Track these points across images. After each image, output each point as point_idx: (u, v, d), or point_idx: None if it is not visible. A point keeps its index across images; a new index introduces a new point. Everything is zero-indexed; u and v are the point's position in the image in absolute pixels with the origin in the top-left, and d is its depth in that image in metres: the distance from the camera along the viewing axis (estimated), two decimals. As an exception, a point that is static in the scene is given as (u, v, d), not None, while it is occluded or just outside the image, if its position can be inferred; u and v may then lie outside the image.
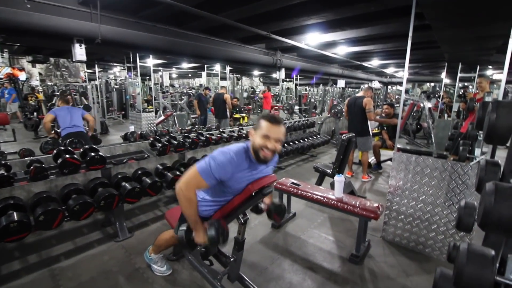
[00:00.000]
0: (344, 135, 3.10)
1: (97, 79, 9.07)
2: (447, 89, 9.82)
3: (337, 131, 6.42)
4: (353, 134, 3.21)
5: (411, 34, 2.30)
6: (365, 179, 4.11)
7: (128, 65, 6.80)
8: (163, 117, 6.60)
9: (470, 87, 8.12)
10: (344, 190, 2.39)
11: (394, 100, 12.11)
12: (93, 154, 2.43)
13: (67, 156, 2.29)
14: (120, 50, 5.99)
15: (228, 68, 7.94)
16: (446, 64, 5.82)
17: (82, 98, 7.16)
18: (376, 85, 11.41)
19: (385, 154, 4.69)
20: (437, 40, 3.96)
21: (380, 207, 2.14)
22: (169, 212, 1.99)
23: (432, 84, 12.33)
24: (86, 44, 3.27)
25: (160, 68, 11.43)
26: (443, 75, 6.21)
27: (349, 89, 13.38)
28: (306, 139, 5.25)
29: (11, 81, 7.78)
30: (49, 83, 11.60)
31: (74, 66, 11.82)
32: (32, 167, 2.14)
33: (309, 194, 2.45)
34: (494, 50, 4.63)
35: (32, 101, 6.93)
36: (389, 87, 14.98)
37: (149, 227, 2.67)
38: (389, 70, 11.35)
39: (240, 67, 10.41)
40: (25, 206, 2.11)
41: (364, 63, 8.60)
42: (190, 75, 16.45)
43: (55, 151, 2.42)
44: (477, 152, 2.56)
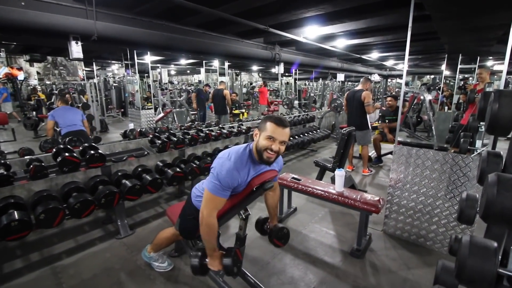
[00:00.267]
0: (345, 129, 3.08)
1: (96, 77, 9.02)
2: (447, 81, 9.75)
3: (337, 125, 6.39)
4: (353, 128, 3.19)
5: (410, 24, 2.26)
6: (365, 173, 4.10)
7: (126, 62, 6.74)
8: (162, 114, 6.57)
9: (470, 79, 8.05)
10: (345, 184, 2.38)
11: (394, 93, 12.05)
12: (92, 152, 2.42)
13: (67, 154, 2.28)
14: (117, 47, 5.93)
15: (227, 64, 7.87)
16: (446, 55, 5.76)
17: (80, 96, 7.13)
18: (376, 78, 11.33)
19: (385, 147, 4.67)
20: (437, 31, 3.91)
21: (381, 200, 2.13)
22: (170, 208, 1.99)
23: (432, 76, 12.25)
24: (82, 41, 3.23)
25: (158, 65, 11.35)
26: (443, 67, 6.15)
27: (349, 82, 13.29)
28: (306, 134, 5.23)
29: (10, 81, 7.74)
30: (47, 82, 11.55)
31: (72, 64, 11.75)
32: (31, 166, 2.13)
33: (310, 189, 2.45)
34: (495, 40, 4.57)
35: (35, 100, 6.92)
36: (388, 80, 14.89)
37: (150, 224, 2.68)
38: (389, 63, 11.26)
39: (239, 62, 10.32)
40: (26, 205, 2.10)
41: (363, 56, 8.52)
42: (188, 71, 16.37)
43: (54, 150, 2.42)
44: (478, 144, 2.55)
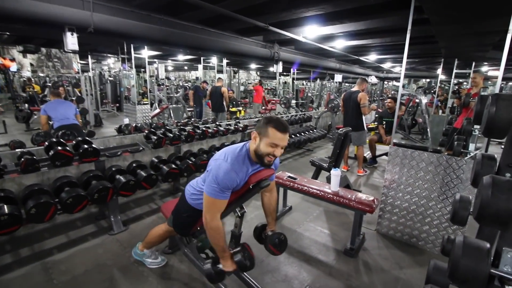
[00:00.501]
0: (341, 129, 3.10)
1: (91, 70, 8.88)
2: (442, 86, 9.88)
3: (333, 125, 6.42)
4: (350, 129, 3.21)
5: (410, 27, 2.28)
6: (360, 173, 4.14)
7: (122, 56, 6.63)
8: (158, 110, 6.50)
9: (465, 83, 8.17)
10: (340, 184, 2.40)
11: (391, 95, 12.14)
12: (86, 146, 2.38)
13: (59, 148, 2.24)
14: (113, 40, 5.84)
15: (225, 61, 7.83)
16: (443, 60, 5.83)
17: (74, 89, 7.00)
18: (373, 80, 11.40)
19: (380, 148, 4.71)
20: (435, 35, 3.94)
21: (375, 200, 2.15)
22: (164, 205, 1.97)
23: (428, 80, 12.38)
24: (78, 33, 3.17)
25: (155, 60, 11.21)
26: (439, 71, 6.23)
27: (346, 84, 13.37)
28: (302, 133, 5.25)
29: (1, 72, 7.54)
30: (41, 74, 11.33)
31: (67, 56, 11.56)
32: (23, 159, 2.09)
33: (306, 188, 2.45)
34: (491, 46, 4.64)
35: (30, 91, 6.76)
36: (385, 82, 15.02)
37: (144, 220, 2.65)
38: (386, 65, 11.34)
39: (237, 60, 10.28)
40: (16, 199, 2.06)
41: (361, 58, 8.57)
42: (186, 67, 16.23)
43: (46, 143, 2.36)
44: (471, 147, 2.59)
